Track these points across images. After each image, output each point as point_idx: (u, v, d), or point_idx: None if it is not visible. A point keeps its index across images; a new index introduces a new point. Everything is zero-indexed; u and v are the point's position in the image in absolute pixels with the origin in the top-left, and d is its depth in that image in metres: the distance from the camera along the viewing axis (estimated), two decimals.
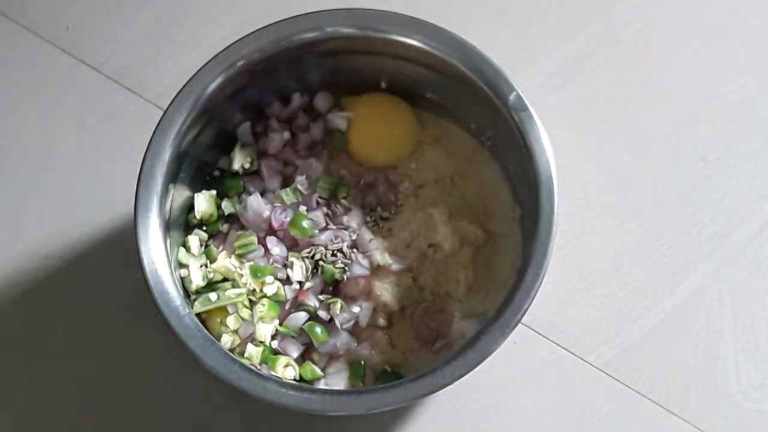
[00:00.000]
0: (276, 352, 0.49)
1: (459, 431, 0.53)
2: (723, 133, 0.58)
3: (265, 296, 0.49)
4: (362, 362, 0.49)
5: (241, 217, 0.51)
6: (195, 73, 0.48)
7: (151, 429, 0.53)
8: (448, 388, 0.43)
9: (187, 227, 0.51)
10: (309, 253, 0.50)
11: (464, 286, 0.50)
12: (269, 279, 0.49)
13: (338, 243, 0.50)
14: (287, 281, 0.50)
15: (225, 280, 0.50)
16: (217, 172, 0.53)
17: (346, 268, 0.50)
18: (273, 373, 0.47)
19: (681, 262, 0.56)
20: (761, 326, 0.54)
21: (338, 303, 0.49)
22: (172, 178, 0.48)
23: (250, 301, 0.49)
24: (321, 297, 0.50)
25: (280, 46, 0.49)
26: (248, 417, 0.53)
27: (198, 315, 0.48)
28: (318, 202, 0.52)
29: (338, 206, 0.52)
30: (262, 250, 0.50)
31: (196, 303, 0.48)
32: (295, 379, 0.48)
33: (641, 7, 0.62)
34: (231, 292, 0.49)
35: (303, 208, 0.51)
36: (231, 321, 0.48)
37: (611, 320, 0.55)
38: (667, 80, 0.60)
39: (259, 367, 0.47)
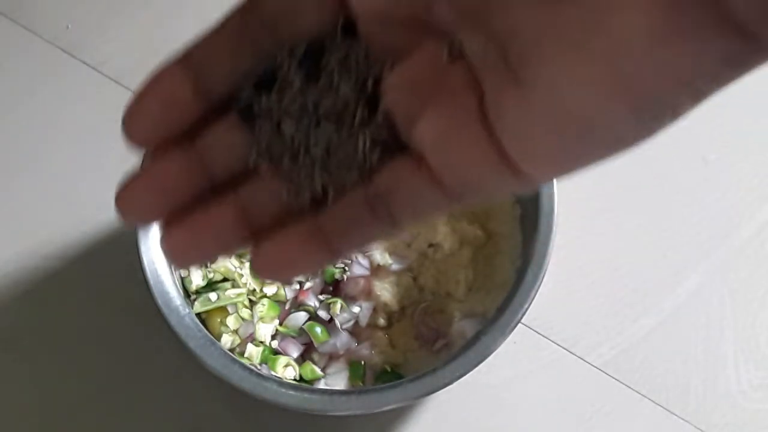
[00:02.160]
0: (276, 352, 0.49)
1: (459, 431, 0.53)
2: (723, 133, 0.58)
3: (265, 296, 0.49)
4: (362, 362, 0.49)
5: None
6: None
7: (150, 429, 0.53)
8: (448, 388, 0.43)
9: None
10: None
11: (464, 286, 0.50)
12: None
13: None
14: None
15: (225, 280, 0.50)
16: None
17: (346, 268, 0.50)
18: (273, 373, 0.47)
19: (681, 262, 0.56)
20: (761, 326, 0.54)
21: (338, 303, 0.49)
22: None
23: (250, 301, 0.49)
24: (321, 297, 0.50)
25: None
26: (248, 417, 0.53)
27: (198, 315, 0.48)
28: None
29: None
30: None
31: (196, 303, 0.48)
32: (295, 379, 0.48)
33: None
34: (231, 292, 0.49)
35: None
36: (231, 321, 0.48)
37: (611, 320, 0.55)
38: None
39: (259, 367, 0.47)
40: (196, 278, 0.49)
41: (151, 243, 0.46)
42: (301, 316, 0.49)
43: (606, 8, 0.19)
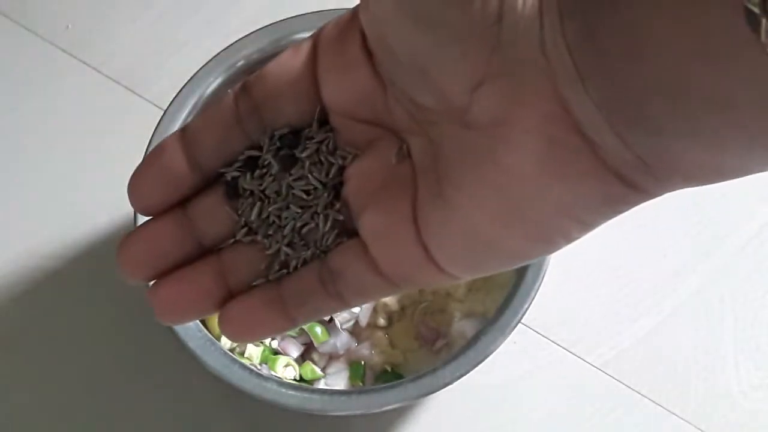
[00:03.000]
0: (276, 352, 0.49)
1: (459, 431, 0.53)
2: None
3: None
4: (362, 362, 0.49)
5: None
6: (195, 73, 0.48)
7: (150, 429, 0.53)
8: (448, 388, 0.43)
9: None
10: None
11: (464, 286, 0.50)
12: None
13: None
14: None
15: None
16: None
17: None
18: (273, 373, 0.47)
19: (681, 262, 0.56)
20: (761, 326, 0.54)
21: None
22: None
23: None
24: None
25: (280, 46, 0.49)
26: (248, 417, 0.53)
27: None
28: None
29: None
30: None
31: None
32: (295, 379, 0.48)
33: None
34: None
35: None
36: None
37: (611, 320, 0.55)
38: None
39: (259, 367, 0.47)
40: None
41: None
42: None
43: (502, 144, 0.21)
